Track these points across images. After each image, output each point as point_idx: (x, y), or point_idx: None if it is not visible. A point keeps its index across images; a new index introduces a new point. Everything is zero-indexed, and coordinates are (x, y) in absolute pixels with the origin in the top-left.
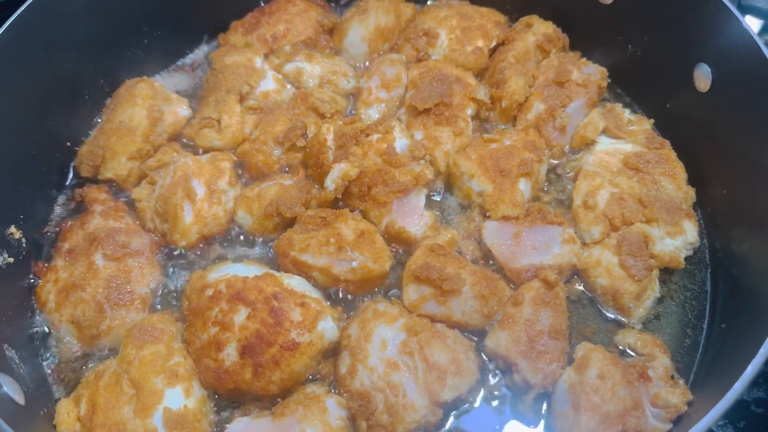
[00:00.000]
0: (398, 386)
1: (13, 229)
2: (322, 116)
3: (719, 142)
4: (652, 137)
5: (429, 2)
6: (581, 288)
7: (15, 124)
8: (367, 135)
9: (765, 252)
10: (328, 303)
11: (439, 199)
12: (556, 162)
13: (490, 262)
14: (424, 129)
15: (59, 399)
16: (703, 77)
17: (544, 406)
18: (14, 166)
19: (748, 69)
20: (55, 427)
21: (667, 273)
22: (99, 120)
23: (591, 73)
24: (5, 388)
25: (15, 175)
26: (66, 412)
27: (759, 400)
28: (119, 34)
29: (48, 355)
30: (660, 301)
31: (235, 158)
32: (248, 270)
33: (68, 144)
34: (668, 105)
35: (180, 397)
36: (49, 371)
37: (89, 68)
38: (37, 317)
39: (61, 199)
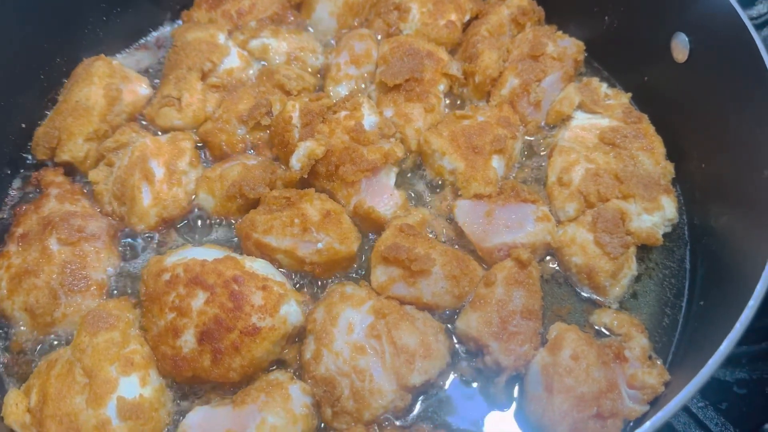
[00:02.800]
0: (364, 371)
1: None
2: (288, 93)
3: (698, 115)
4: (629, 111)
5: None
6: (555, 267)
7: None
8: (335, 112)
9: (742, 226)
10: (295, 287)
11: (409, 178)
12: (531, 138)
13: (463, 241)
14: (394, 106)
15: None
16: (680, 47)
17: (517, 388)
18: None
19: (726, 37)
20: (2, 419)
21: (644, 250)
22: (56, 101)
23: (567, 46)
24: None
25: None
26: (14, 403)
27: (741, 380)
28: (75, 10)
29: None
30: (637, 279)
31: (197, 138)
32: (208, 253)
33: (23, 125)
34: (646, 78)
35: (135, 385)
36: (1, 361)
37: (44, 46)
38: None
39: (15, 182)
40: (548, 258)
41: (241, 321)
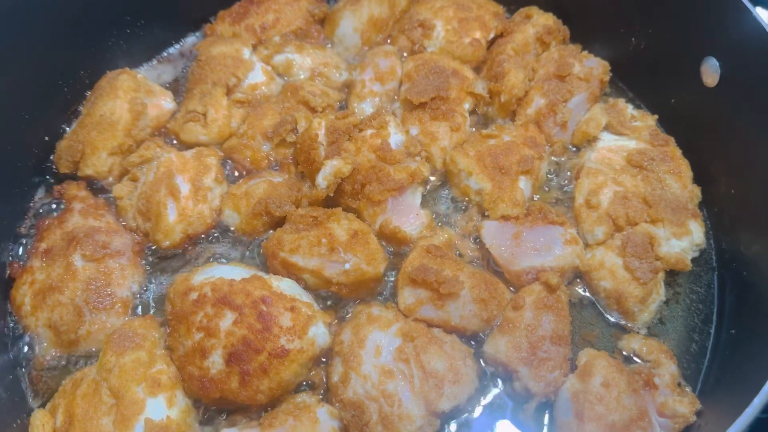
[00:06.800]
0: (393, 395)
1: None
2: (313, 110)
3: (726, 140)
4: (656, 134)
5: None
6: (584, 291)
7: None
8: (361, 130)
9: None
10: (320, 307)
11: (435, 198)
12: (557, 159)
13: (489, 263)
14: (419, 124)
15: (34, 409)
16: (710, 71)
17: (546, 415)
18: None
19: (759, 63)
20: None
21: (671, 275)
22: (79, 113)
23: (593, 66)
24: None
25: None
26: (41, 423)
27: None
28: (99, 23)
29: (23, 361)
30: (665, 304)
31: (222, 154)
32: (235, 272)
33: (46, 138)
34: (673, 100)
35: (162, 407)
36: (24, 379)
37: (68, 59)
38: (12, 321)
39: (38, 195)
40: (576, 281)
41: (269, 343)
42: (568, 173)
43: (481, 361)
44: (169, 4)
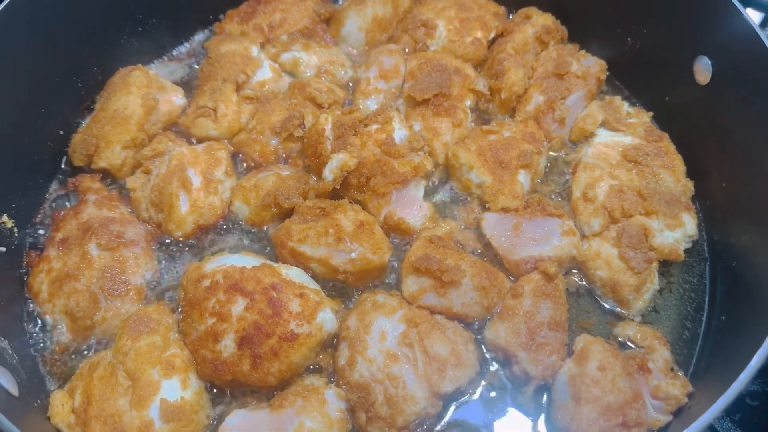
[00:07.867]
0: (398, 378)
1: (5, 218)
2: (319, 106)
3: (718, 135)
4: (651, 130)
5: None
6: (579, 280)
7: (6, 111)
8: (366, 125)
9: (764, 245)
10: (327, 294)
11: (437, 191)
12: (555, 154)
13: (490, 253)
14: (422, 120)
15: (53, 390)
16: (703, 70)
17: (545, 397)
18: (5, 154)
19: (749, 62)
20: (49, 419)
21: (665, 265)
22: (93, 108)
23: (590, 65)
24: None
25: (6, 163)
26: (60, 403)
27: (754, 393)
28: (113, 21)
29: (41, 345)
30: (659, 293)
31: (232, 148)
32: (246, 261)
33: (61, 132)
34: (667, 98)
35: (177, 388)
36: (42, 362)
37: (82, 56)
38: (30, 307)
39: (53, 187)
40: (573, 271)
41: (279, 327)
42: (566, 168)
43: (482, 346)
44: (179, 3)
